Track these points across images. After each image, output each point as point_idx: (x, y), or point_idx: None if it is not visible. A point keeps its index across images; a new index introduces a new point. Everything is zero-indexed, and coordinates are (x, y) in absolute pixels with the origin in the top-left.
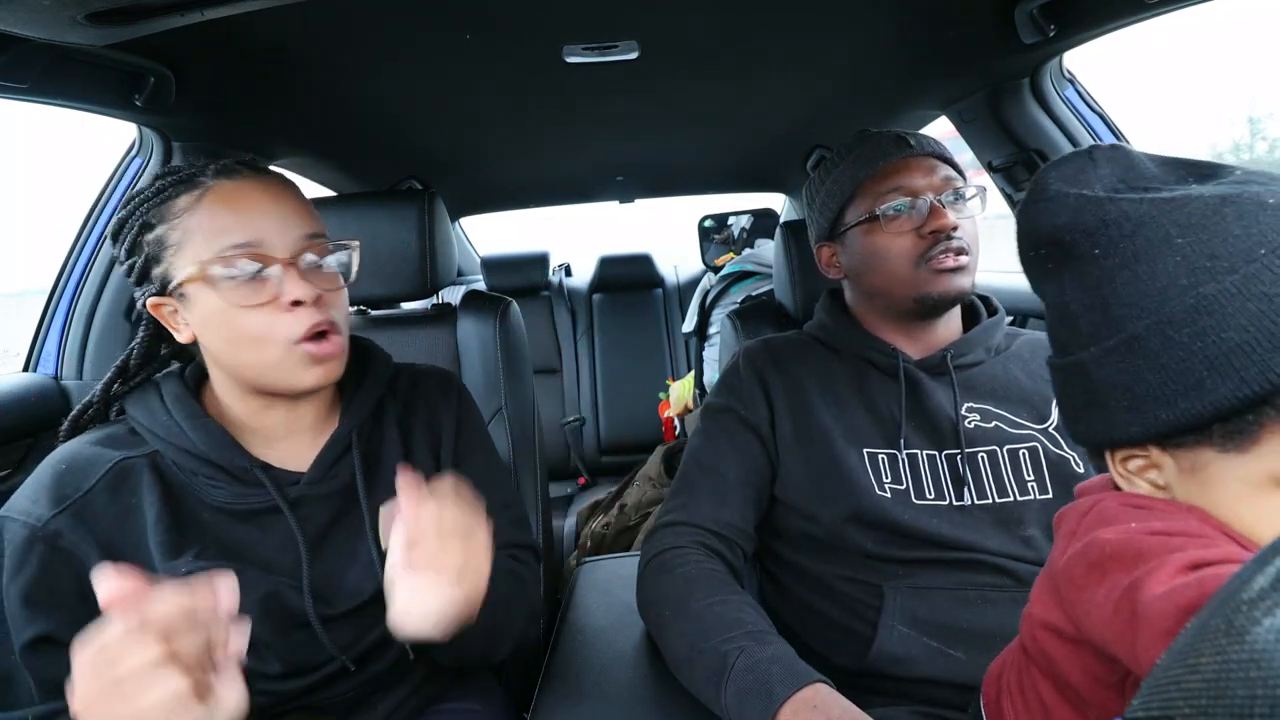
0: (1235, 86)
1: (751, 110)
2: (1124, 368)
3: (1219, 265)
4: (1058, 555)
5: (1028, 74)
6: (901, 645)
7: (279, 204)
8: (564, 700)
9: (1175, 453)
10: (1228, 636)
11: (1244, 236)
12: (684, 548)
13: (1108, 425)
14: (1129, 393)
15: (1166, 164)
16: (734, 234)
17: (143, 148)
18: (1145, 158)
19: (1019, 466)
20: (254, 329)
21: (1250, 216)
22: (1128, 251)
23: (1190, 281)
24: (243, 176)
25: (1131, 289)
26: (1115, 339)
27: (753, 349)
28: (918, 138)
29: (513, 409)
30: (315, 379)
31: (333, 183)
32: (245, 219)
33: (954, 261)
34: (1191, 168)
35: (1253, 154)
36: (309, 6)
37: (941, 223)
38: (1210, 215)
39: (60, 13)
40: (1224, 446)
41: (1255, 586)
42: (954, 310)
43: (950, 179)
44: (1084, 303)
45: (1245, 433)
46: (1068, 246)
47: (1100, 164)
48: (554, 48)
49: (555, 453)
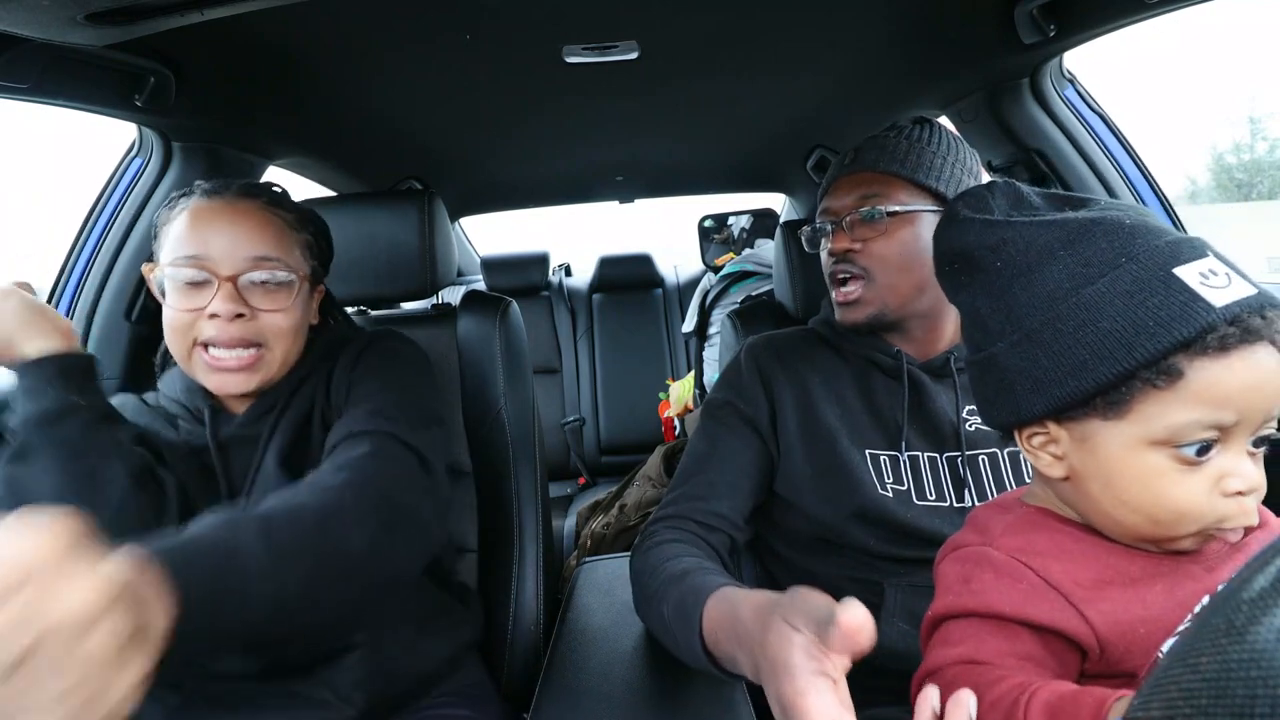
0: (1235, 86)
1: (751, 110)
2: (1025, 357)
3: (1092, 271)
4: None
5: (1028, 74)
6: (902, 642)
7: (234, 226)
8: (564, 700)
9: (1068, 425)
10: (1228, 636)
11: (1109, 248)
12: (660, 534)
13: (1015, 406)
14: (1030, 377)
15: (1046, 196)
16: (734, 234)
17: (143, 148)
18: (1031, 191)
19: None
20: (174, 323)
21: (1113, 233)
22: (1022, 263)
23: (1071, 285)
24: (220, 199)
25: (1027, 293)
26: (1017, 334)
27: (756, 344)
28: (859, 152)
29: (513, 409)
30: (214, 385)
31: (333, 183)
32: (199, 235)
33: (842, 296)
34: (1065, 199)
35: (1253, 154)
36: (309, 6)
37: (831, 247)
38: (1083, 233)
39: (60, 13)
40: (1105, 415)
41: (1255, 586)
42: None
43: (867, 196)
44: (990, 306)
45: (1121, 403)
46: (975, 260)
47: (997, 195)
48: (554, 48)
49: (555, 453)
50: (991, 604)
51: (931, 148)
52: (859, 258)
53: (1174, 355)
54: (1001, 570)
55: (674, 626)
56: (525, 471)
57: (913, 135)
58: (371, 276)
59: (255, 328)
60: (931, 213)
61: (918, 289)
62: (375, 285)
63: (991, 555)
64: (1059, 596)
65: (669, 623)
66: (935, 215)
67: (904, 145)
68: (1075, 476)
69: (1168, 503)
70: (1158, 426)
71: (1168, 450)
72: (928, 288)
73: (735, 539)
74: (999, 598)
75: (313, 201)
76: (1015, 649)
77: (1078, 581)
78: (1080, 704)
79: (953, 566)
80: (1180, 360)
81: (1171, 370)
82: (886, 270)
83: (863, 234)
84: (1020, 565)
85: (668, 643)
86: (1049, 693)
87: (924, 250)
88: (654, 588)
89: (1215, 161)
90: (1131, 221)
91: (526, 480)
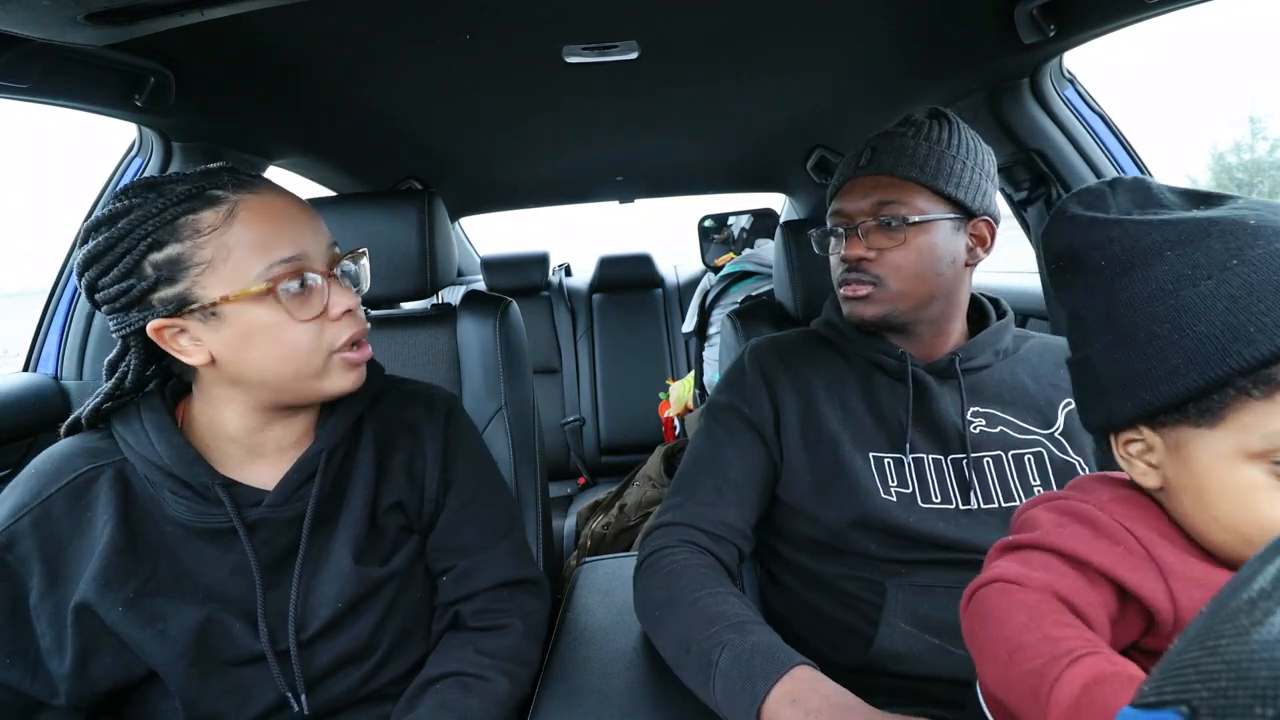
0: (1235, 86)
1: (751, 110)
2: (1119, 359)
3: (1199, 273)
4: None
5: (1027, 74)
6: (903, 642)
7: (308, 216)
8: (564, 700)
9: (1162, 431)
10: (1250, 617)
11: (1221, 250)
12: (673, 547)
13: (1108, 410)
14: (1123, 380)
15: (1180, 193)
16: (734, 234)
17: (143, 148)
18: (1164, 188)
19: (1024, 472)
20: (303, 341)
21: (1230, 234)
22: (1125, 261)
23: (1174, 286)
24: (262, 189)
25: (1127, 293)
26: (1112, 335)
27: (759, 347)
28: (876, 153)
29: (513, 409)
30: (353, 383)
31: (333, 183)
32: (288, 232)
33: (851, 291)
34: (1202, 197)
35: (1253, 153)
36: (309, 6)
37: (844, 254)
38: (1197, 233)
39: (60, 13)
40: (1198, 423)
41: (1269, 574)
42: (960, 313)
43: (885, 203)
44: (1090, 306)
45: (1214, 411)
46: (1079, 259)
47: (1119, 192)
48: (554, 48)
49: (555, 453)
50: (1081, 551)
51: (952, 151)
52: (872, 266)
53: (1276, 364)
54: (1101, 529)
55: (728, 673)
56: (525, 471)
57: (932, 136)
58: (372, 276)
59: (362, 318)
60: (949, 220)
61: (930, 296)
62: (375, 285)
63: (1095, 514)
64: (1156, 571)
65: (720, 667)
66: (952, 222)
67: (924, 148)
68: (1169, 488)
69: (1263, 521)
70: (1255, 438)
71: (1265, 464)
72: (939, 294)
73: (742, 550)
74: (1090, 549)
75: (313, 201)
76: (1096, 597)
77: (1173, 565)
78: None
79: (1047, 512)
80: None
81: (1271, 380)
82: (901, 279)
83: (879, 242)
84: (1123, 530)
85: (687, 667)
86: (1088, 669)
87: (940, 259)
88: (695, 621)
89: (1215, 161)
90: (1257, 222)
91: (526, 480)
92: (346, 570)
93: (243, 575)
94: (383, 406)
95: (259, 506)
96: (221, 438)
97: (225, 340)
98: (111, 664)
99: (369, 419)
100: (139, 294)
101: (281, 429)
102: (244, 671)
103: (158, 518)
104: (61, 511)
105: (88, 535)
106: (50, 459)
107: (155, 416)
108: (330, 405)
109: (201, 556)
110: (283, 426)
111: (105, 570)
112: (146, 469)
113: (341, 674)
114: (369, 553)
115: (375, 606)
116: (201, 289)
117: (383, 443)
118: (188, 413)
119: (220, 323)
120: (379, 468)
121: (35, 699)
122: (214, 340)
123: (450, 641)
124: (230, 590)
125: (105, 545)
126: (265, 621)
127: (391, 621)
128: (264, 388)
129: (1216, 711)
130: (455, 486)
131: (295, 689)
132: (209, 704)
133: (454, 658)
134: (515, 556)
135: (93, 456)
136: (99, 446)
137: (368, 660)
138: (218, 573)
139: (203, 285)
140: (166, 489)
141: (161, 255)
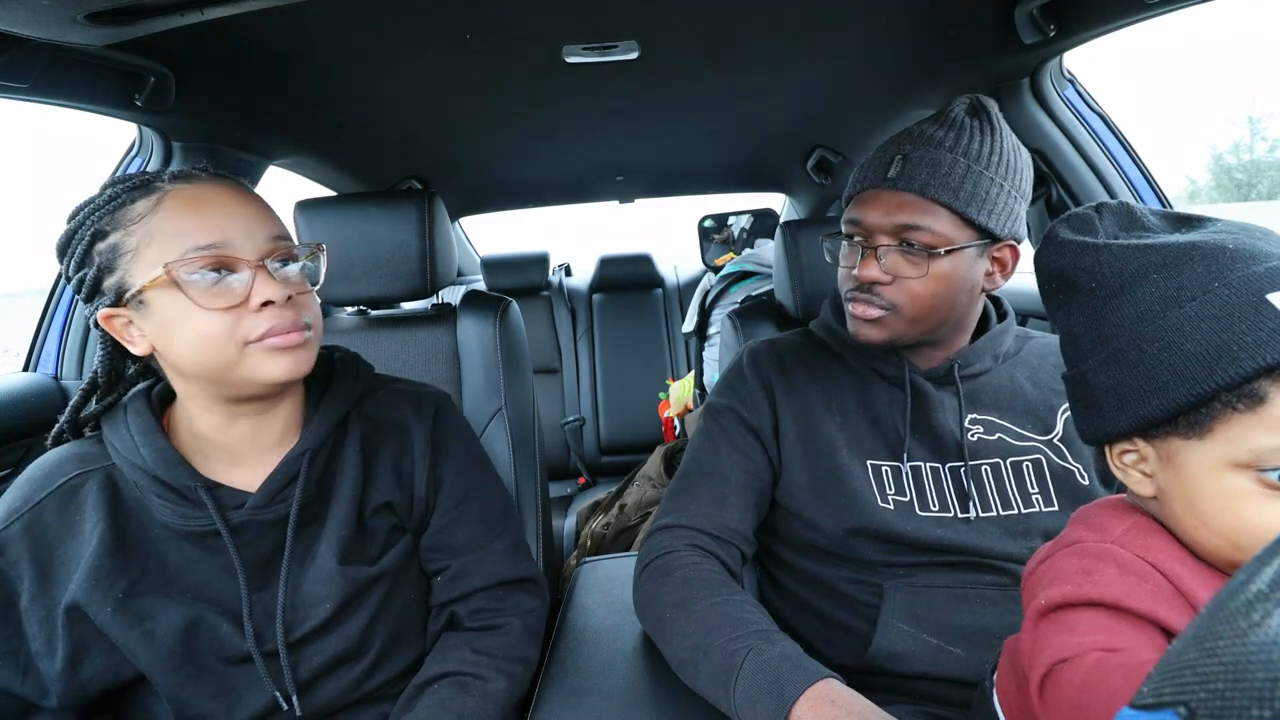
0: (1235, 86)
1: (751, 110)
2: (1112, 375)
3: (1183, 295)
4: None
5: (1028, 74)
6: (901, 642)
7: (242, 206)
8: (564, 700)
9: (1154, 442)
10: (1247, 620)
11: (1204, 273)
12: (679, 551)
13: (1103, 422)
14: (1116, 395)
15: (1162, 216)
16: (734, 234)
17: (143, 148)
18: (1146, 211)
19: (1023, 479)
20: (213, 330)
21: (1211, 258)
22: (1115, 284)
23: (1161, 307)
24: (200, 181)
25: (1117, 314)
26: (1105, 352)
27: (757, 350)
28: (908, 163)
29: (513, 409)
30: (284, 370)
31: (333, 183)
32: (209, 221)
33: (860, 312)
34: (1182, 220)
35: (1253, 154)
36: (309, 6)
37: (858, 273)
38: (1180, 257)
39: (60, 13)
40: (1187, 435)
41: (1266, 576)
42: (968, 331)
43: (909, 227)
44: (1083, 325)
45: (1202, 424)
46: (1071, 281)
47: (1105, 216)
48: (554, 48)
49: (555, 453)
50: (1118, 598)
51: (990, 171)
52: (886, 291)
53: (1257, 380)
54: (1127, 568)
55: (753, 676)
56: (525, 471)
57: (971, 150)
58: (371, 276)
59: (300, 307)
60: (974, 247)
61: (941, 322)
62: (375, 285)
63: (1116, 552)
64: (1184, 602)
65: (745, 669)
66: (977, 248)
67: (961, 167)
68: (1162, 496)
69: (1250, 527)
70: (1241, 449)
71: (1251, 473)
72: (950, 320)
73: (744, 553)
74: (1125, 593)
75: (313, 201)
76: (1150, 641)
77: (1196, 593)
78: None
79: (1070, 559)
80: (1264, 385)
81: (1254, 394)
82: (915, 308)
83: (897, 267)
84: (1146, 565)
85: (703, 668)
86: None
87: (958, 289)
88: (716, 625)
89: (1215, 161)
90: (1234, 245)
91: (526, 480)
92: (333, 571)
93: (231, 577)
94: (370, 406)
95: (242, 509)
96: (200, 438)
97: (155, 328)
98: (102, 665)
99: (355, 419)
100: (93, 282)
101: (250, 426)
102: (233, 673)
103: (146, 521)
104: (52, 516)
105: (78, 538)
106: (41, 465)
107: (140, 420)
108: (314, 405)
109: (189, 559)
110: (252, 425)
111: (95, 570)
112: (133, 472)
113: (334, 675)
114: (356, 553)
115: (365, 607)
116: (130, 277)
117: (369, 442)
118: (173, 416)
119: (149, 310)
120: (365, 468)
121: (27, 701)
122: (149, 328)
123: (448, 641)
124: (218, 591)
125: (95, 547)
126: (251, 622)
127: (383, 622)
128: (200, 379)
129: (1214, 713)
130: (445, 486)
131: (285, 690)
132: (198, 706)
133: (452, 658)
134: (510, 555)
135: (82, 461)
136: (89, 451)
137: (360, 661)
138: (206, 574)
139: (131, 273)
140: (151, 492)
141: (105, 244)
